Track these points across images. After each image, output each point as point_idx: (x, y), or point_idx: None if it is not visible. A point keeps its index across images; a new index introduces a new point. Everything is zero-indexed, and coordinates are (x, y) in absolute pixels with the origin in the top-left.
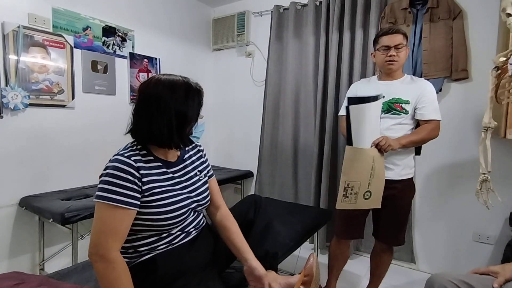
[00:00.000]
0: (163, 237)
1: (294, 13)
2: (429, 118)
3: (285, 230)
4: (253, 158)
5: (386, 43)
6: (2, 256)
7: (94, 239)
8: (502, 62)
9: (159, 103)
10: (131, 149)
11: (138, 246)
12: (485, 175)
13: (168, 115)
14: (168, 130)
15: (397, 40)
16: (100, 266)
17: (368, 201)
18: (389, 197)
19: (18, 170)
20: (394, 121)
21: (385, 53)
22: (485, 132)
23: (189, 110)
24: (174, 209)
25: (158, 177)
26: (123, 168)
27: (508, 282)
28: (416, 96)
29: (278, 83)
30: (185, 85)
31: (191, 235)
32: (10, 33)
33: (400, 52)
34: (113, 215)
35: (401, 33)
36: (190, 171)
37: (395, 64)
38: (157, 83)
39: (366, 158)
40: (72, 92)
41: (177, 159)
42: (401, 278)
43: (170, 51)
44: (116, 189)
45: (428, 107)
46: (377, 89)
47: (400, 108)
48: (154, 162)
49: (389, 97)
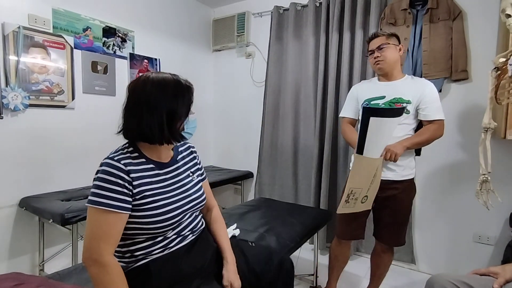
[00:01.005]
0: (158, 241)
1: (294, 13)
2: (432, 119)
3: (285, 230)
4: (253, 158)
5: (370, 48)
6: (2, 257)
7: (86, 244)
8: (502, 63)
9: (148, 102)
10: (121, 152)
11: (134, 250)
12: (485, 175)
13: (158, 113)
14: (159, 127)
15: (377, 43)
16: (94, 270)
17: (364, 204)
18: (390, 198)
19: (18, 171)
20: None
21: (372, 57)
22: (485, 133)
23: (179, 107)
24: (166, 211)
25: (150, 179)
26: (112, 172)
27: (508, 283)
28: (418, 96)
29: (278, 83)
30: (174, 82)
31: (187, 239)
32: (10, 33)
33: (383, 52)
34: (104, 219)
35: (382, 35)
36: (183, 172)
37: (382, 64)
38: (146, 82)
39: (370, 168)
40: (72, 92)
41: (170, 160)
42: (401, 279)
43: (170, 52)
44: (106, 193)
45: (430, 108)
46: (378, 89)
47: None
48: (146, 164)
49: (390, 97)
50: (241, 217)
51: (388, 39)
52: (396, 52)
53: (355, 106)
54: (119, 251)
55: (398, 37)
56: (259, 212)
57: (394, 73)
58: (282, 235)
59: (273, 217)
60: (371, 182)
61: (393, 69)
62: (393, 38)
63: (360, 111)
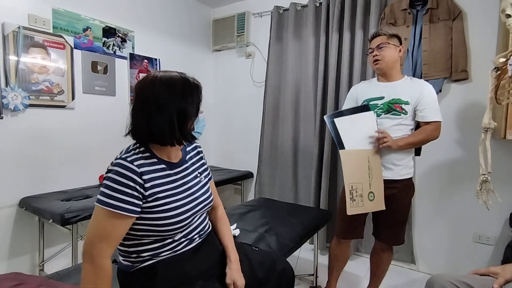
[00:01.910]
0: (166, 243)
1: (294, 13)
2: (430, 120)
3: (285, 231)
4: (253, 158)
5: (370, 46)
6: (2, 257)
7: (89, 240)
8: (502, 63)
9: (157, 101)
10: (134, 152)
11: (141, 251)
12: (485, 175)
13: (168, 113)
14: (170, 128)
15: (377, 42)
16: (88, 266)
17: (373, 203)
18: (389, 197)
19: (18, 171)
20: (394, 121)
21: (371, 55)
22: (485, 133)
23: (189, 106)
24: (178, 214)
25: (161, 180)
26: (125, 173)
27: (508, 283)
28: (416, 97)
29: (278, 83)
30: (182, 81)
31: (194, 242)
32: (10, 33)
33: (382, 51)
34: (110, 220)
35: (383, 35)
36: (191, 173)
37: (380, 63)
38: (154, 81)
39: (361, 159)
40: (72, 92)
41: (179, 160)
42: (401, 279)
43: (170, 52)
44: (116, 195)
45: (428, 109)
46: (377, 90)
47: (400, 109)
48: (158, 164)
49: (389, 97)
50: (241, 217)
51: (389, 39)
52: (396, 52)
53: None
54: (126, 251)
55: (399, 38)
56: (259, 212)
57: (393, 74)
58: (282, 235)
59: (273, 217)
60: (370, 176)
61: (391, 69)
62: (394, 39)
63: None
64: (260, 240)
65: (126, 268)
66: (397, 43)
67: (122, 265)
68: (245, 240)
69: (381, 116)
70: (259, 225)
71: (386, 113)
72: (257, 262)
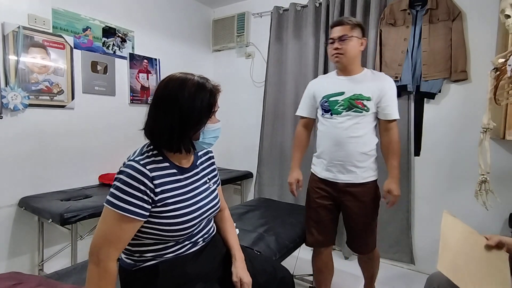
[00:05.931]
0: (170, 245)
1: (293, 14)
2: (393, 118)
3: (284, 231)
4: (252, 158)
5: (331, 36)
6: (1, 257)
7: (97, 241)
8: (501, 63)
9: (165, 101)
10: (147, 155)
11: (144, 251)
12: (484, 176)
13: (170, 113)
14: (169, 131)
15: (340, 32)
16: (94, 268)
17: None
18: (352, 202)
19: (18, 171)
20: (356, 119)
21: (331, 47)
22: (484, 133)
23: (195, 111)
24: (184, 221)
25: (172, 186)
26: (136, 176)
27: None
28: (378, 92)
29: (278, 84)
30: (195, 82)
31: (197, 245)
32: (10, 33)
33: (344, 44)
34: (118, 222)
35: (346, 24)
36: (201, 179)
37: (341, 58)
38: (169, 81)
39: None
40: (71, 92)
41: (190, 165)
42: (400, 279)
43: (170, 52)
44: (126, 197)
45: (391, 106)
46: (337, 85)
47: (362, 105)
48: (170, 168)
49: (350, 93)
50: (240, 217)
51: (352, 30)
52: (358, 45)
53: (311, 104)
54: (129, 249)
55: (363, 28)
56: (258, 212)
57: (354, 68)
58: (281, 236)
59: (272, 217)
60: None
61: (352, 63)
62: (357, 30)
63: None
64: (259, 240)
65: (128, 266)
66: (360, 34)
67: (125, 263)
68: (244, 240)
69: (342, 113)
70: (259, 225)
71: (348, 110)
72: (259, 267)
